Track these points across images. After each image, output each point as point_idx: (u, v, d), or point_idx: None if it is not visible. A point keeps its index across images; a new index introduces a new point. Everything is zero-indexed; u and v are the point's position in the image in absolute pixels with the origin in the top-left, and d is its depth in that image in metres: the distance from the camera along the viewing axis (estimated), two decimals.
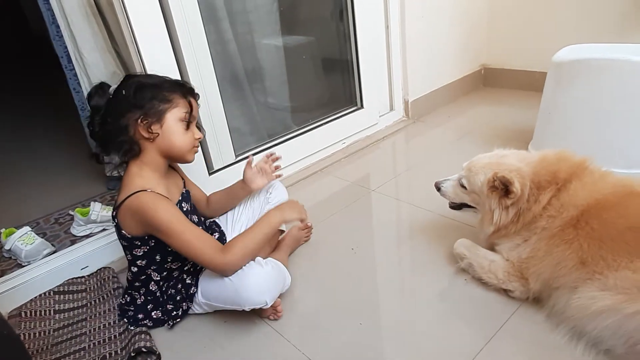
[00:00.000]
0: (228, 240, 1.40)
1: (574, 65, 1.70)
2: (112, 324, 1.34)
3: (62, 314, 1.40)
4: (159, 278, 1.29)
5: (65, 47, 1.85)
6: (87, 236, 1.78)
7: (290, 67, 2.25)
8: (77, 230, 1.82)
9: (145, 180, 1.19)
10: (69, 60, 1.88)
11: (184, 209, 1.31)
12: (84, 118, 1.99)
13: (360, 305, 1.32)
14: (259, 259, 1.22)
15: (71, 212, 1.90)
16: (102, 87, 1.23)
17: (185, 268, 1.31)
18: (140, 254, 1.24)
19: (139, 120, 1.17)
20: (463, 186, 1.32)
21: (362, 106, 2.35)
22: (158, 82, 1.21)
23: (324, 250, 1.57)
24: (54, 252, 1.67)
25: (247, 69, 2.10)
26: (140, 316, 1.31)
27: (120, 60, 2.02)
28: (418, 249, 1.52)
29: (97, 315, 1.39)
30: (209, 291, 1.26)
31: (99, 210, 1.80)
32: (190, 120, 1.23)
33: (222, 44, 1.98)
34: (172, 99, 1.19)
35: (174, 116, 1.19)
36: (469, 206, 1.35)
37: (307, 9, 2.35)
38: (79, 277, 1.54)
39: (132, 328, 1.29)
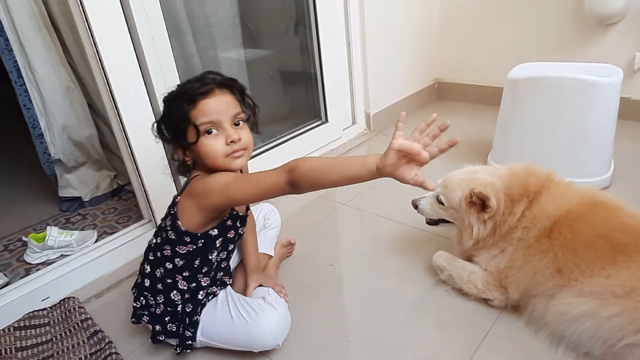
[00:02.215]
0: (231, 264, 1.38)
1: (528, 82, 1.81)
2: (82, 359, 1.25)
3: (25, 352, 1.28)
4: (185, 288, 1.18)
5: (15, 61, 1.73)
6: (44, 264, 1.65)
7: (254, 82, 2.23)
8: (31, 257, 1.68)
9: None
10: (19, 75, 1.75)
11: (229, 232, 1.20)
12: (35, 136, 1.86)
13: (346, 322, 1.33)
14: (269, 299, 1.19)
15: (24, 238, 1.76)
16: None
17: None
18: (183, 252, 1.15)
19: (175, 150, 1.13)
20: (440, 202, 1.36)
21: (327, 120, 2.37)
22: (173, 105, 1.09)
23: (304, 268, 1.56)
24: (8, 283, 1.54)
25: None
26: (157, 328, 1.19)
27: (75, 74, 1.92)
28: (395, 263, 1.54)
29: (65, 350, 1.28)
30: (214, 330, 1.19)
31: (57, 235, 1.68)
32: (203, 128, 1.05)
33: (185, 58, 1.93)
34: (184, 115, 1.05)
35: (192, 134, 1.06)
36: (447, 221, 1.40)
37: (271, 24, 2.35)
38: (40, 310, 1.42)
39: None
